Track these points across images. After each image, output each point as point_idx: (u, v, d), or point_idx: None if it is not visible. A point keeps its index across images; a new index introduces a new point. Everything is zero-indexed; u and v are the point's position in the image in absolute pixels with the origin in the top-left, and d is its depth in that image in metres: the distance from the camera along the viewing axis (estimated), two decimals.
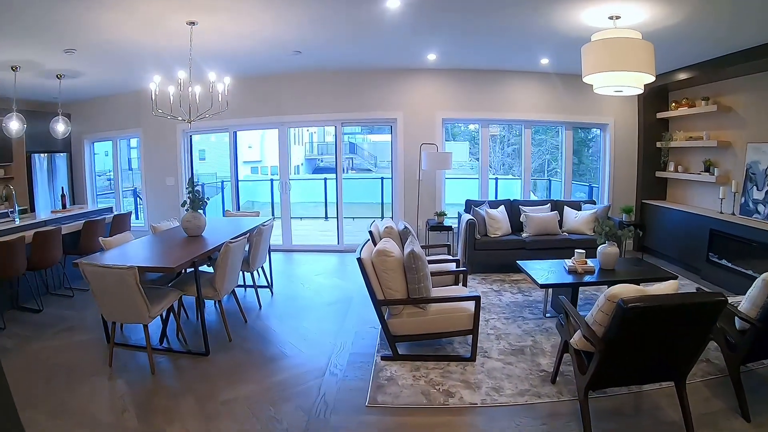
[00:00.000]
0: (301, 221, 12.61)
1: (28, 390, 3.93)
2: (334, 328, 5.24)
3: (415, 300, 4.22)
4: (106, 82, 8.06)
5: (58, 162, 10.08)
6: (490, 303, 5.79)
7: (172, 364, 4.50)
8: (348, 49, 6.84)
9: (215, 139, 14.03)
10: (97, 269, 4.17)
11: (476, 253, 6.98)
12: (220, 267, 4.79)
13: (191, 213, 5.58)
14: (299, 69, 8.15)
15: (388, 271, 4.21)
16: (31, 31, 5.27)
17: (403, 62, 7.78)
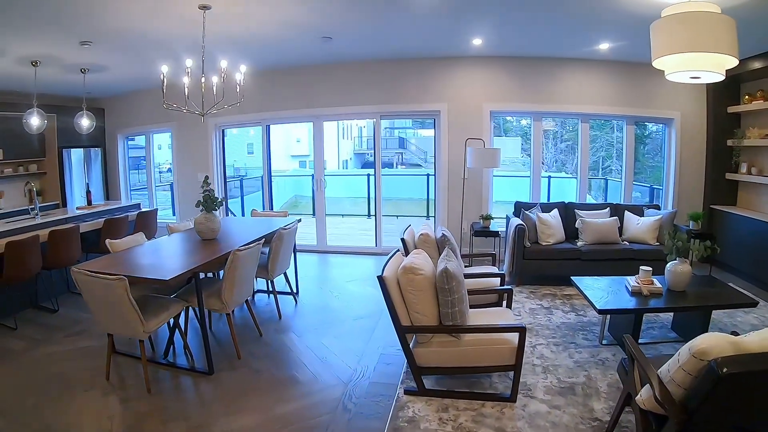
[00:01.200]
0: (343, 219, 12.28)
1: (20, 401, 3.84)
2: (358, 347, 4.59)
3: (447, 328, 3.50)
4: (134, 76, 7.81)
5: (93, 157, 10.05)
6: (538, 324, 4.98)
7: (172, 382, 4.14)
8: (384, 35, 6.20)
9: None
10: (88, 279, 3.76)
11: (525, 263, 6.17)
12: (227, 278, 4.29)
13: (204, 215, 5.14)
14: (334, 59, 7.59)
15: (416, 291, 3.48)
16: (46, 25, 5.08)
17: (446, 49, 7.03)
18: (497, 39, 6.40)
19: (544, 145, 10.81)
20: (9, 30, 5.14)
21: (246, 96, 8.17)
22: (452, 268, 3.44)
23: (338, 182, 15.74)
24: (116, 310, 3.77)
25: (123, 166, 10.45)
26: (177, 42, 5.70)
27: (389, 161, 21.42)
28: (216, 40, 5.52)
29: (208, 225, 5.11)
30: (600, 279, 4.70)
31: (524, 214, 6.42)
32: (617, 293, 4.32)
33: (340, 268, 7.61)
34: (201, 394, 3.90)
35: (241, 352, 4.49)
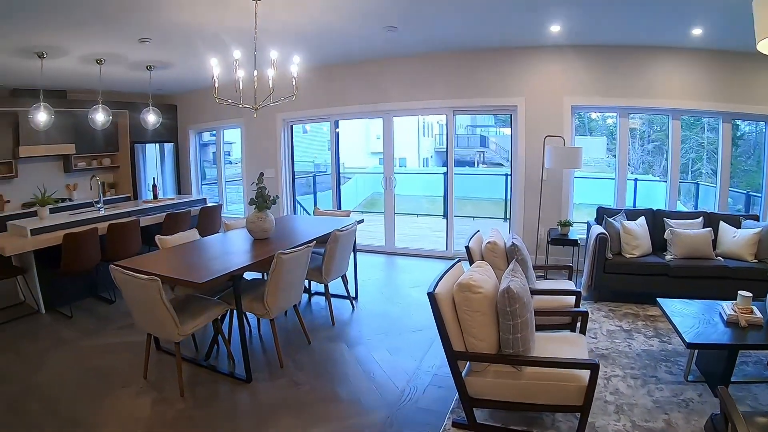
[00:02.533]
0: (417, 218, 11.91)
1: (59, 390, 3.94)
2: (410, 365, 4.15)
3: (506, 358, 2.94)
4: (199, 72, 7.67)
5: (166, 152, 10.28)
6: (615, 350, 4.29)
7: (207, 386, 3.94)
8: (452, 23, 5.68)
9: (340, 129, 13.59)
10: (123, 277, 3.64)
11: (606, 276, 5.49)
12: (271, 282, 4.03)
13: (255, 213, 4.91)
14: (401, 51, 7.18)
15: (473, 312, 2.92)
16: (104, 23, 5.03)
17: (522, 38, 6.42)
18: (577, 25, 5.71)
19: (631, 145, 9.98)
20: (70, 30, 5.13)
21: (313, 91, 8.19)
22: (516, 288, 2.89)
23: (415, 181, 15.42)
24: (151, 311, 3.66)
25: (194, 161, 10.61)
26: (231, 35, 5.51)
27: (470, 160, 20.97)
28: (271, 32, 5.34)
29: (259, 224, 4.88)
30: (690, 303, 4.03)
31: (607, 222, 5.76)
32: (710, 322, 3.63)
33: (406, 272, 7.20)
34: (234, 403, 3.68)
35: (285, 360, 4.25)
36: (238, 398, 3.73)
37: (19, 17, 4.59)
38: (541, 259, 6.71)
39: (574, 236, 6.32)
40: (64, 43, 5.60)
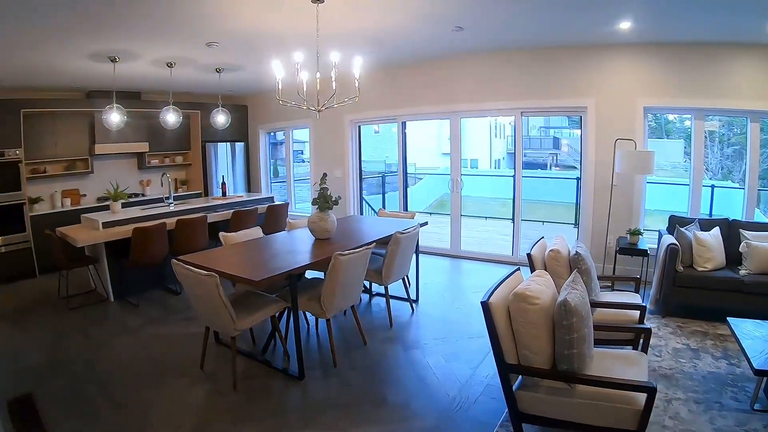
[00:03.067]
0: (485, 221, 11.72)
1: (117, 375, 4.19)
2: (464, 373, 4.06)
3: (560, 375, 2.80)
4: (267, 74, 7.70)
5: (237, 150, 10.57)
6: (679, 370, 3.98)
7: (260, 381, 4.04)
8: (519, 22, 5.49)
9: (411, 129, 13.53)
10: (183, 271, 3.78)
11: (676, 290, 5.16)
12: (328, 282, 4.05)
13: (317, 214, 4.95)
14: (468, 51, 7.04)
15: (528, 324, 2.79)
16: (173, 29, 5.15)
17: (591, 36, 6.10)
18: (650, 22, 5.36)
19: (709, 149, 9.45)
20: (140, 36, 5.31)
21: (380, 92, 8.23)
22: (574, 301, 2.76)
23: (486, 183, 15.20)
24: (209, 305, 3.78)
25: (264, 159, 10.85)
26: (294, 38, 5.54)
27: (543, 162, 20.50)
28: (333, 34, 5.33)
29: (320, 224, 4.92)
30: (764, 324, 3.73)
31: (679, 232, 5.43)
32: None
33: (470, 277, 7.06)
34: (284, 399, 3.75)
35: (339, 360, 4.27)
36: (288, 394, 3.79)
37: (93, 25, 4.78)
38: (608, 269, 6.43)
39: (643, 246, 5.99)
40: (136, 48, 5.79)
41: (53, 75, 6.99)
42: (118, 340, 4.99)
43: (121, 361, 4.50)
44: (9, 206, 7.31)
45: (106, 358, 4.58)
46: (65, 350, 4.79)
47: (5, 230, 7.30)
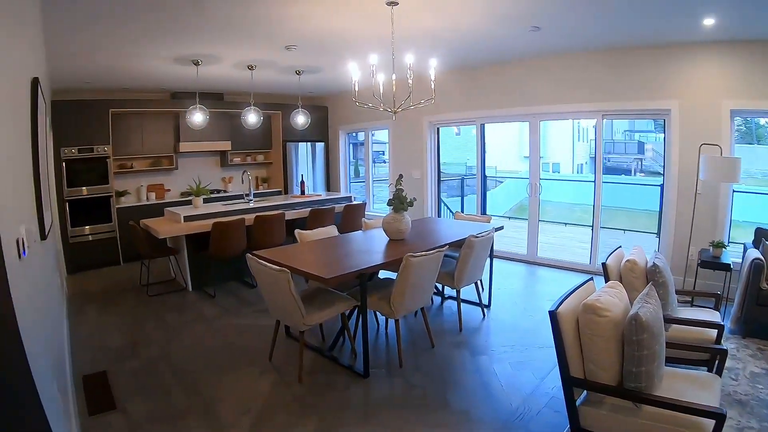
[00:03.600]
0: (565, 227, 11.42)
1: (190, 361, 4.42)
2: (529, 383, 3.94)
3: (626, 393, 2.64)
4: (345, 76, 7.84)
5: (318, 150, 10.78)
6: (756, 397, 3.61)
7: (326, 376, 4.10)
8: (597, 21, 5.27)
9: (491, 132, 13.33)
10: (257, 266, 3.92)
11: (758, 309, 4.74)
12: (399, 283, 4.05)
13: (392, 215, 4.97)
14: (546, 52, 6.86)
15: (597, 337, 2.66)
16: (253, 33, 5.32)
17: (673, 33, 5.73)
18: (736, 16, 4.93)
19: None
20: (221, 40, 5.51)
21: (458, 94, 8.21)
22: (646, 316, 2.60)
23: (566, 188, 14.84)
24: (280, 299, 3.86)
25: (344, 159, 11.01)
26: (370, 40, 5.60)
27: (627, 167, 19.77)
28: (408, 36, 5.34)
29: (394, 225, 4.94)
30: None
31: (765, 246, 5.03)
32: None
33: (545, 284, 6.87)
34: (346, 395, 3.77)
35: (405, 361, 4.26)
36: (351, 391, 3.81)
37: (177, 30, 5.02)
38: (688, 283, 6.04)
39: (727, 260, 5.56)
40: (217, 52, 6.02)
41: (140, 77, 7.39)
42: (193, 328, 5.23)
43: (194, 347, 4.74)
44: (98, 198, 7.84)
45: (181, 343, 4.82)
46: (143, 334, 5.08)
47: (93, 220, 7.84)
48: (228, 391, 3.84)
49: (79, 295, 6.54)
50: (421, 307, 4.52)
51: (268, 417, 3.45)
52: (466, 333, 4.96)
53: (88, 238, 7.82)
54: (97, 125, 7.78)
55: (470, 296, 5.67)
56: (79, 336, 5.06)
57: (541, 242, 7.94)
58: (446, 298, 5.93)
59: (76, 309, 5.92)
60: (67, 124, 7.44)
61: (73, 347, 4.73)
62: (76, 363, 4.38)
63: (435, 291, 5.63)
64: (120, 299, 6.26)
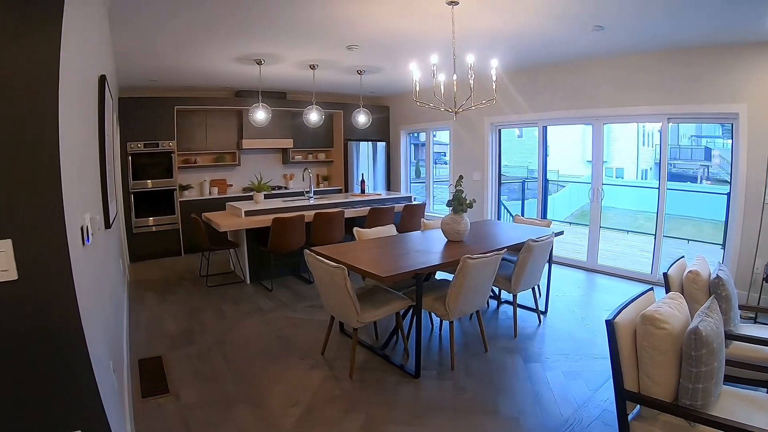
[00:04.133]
0: (627, 235, 11.07)
1: (244, 350, 4.55)
2: (582, 393, 3.80)
3: (680, 410, 2.50)
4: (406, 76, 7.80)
5: (379, 150, 10.81)
6: None
7: (376, 374, 4.09)
8: (663, 19, 5.01)
9: (555, 134, 12.93)
10: (314, 262, 3.97)
11: None
12: (455, 284, 4.00)
13: (451, 216, 4.92)
14: (609, 52, 6.61)
15: (654, 350, 2.52)
16: (314, 33, 5.35)
17: (743, 33, 5.37)
18: None
19: None
20: (284, 40, 5.59)
21: (519, 95, 8.10)
22: (706, 330, 2.45)
23: (630, 194, 14.40)
24: (336, 295, 3.89)
25: (404, 159, 11.02)
26: (430, 40, 5.55)
27: (692, 174, 19.01)
28: (469, 35, 5.25)
29: (453, 226, 4.88)
30: None
31: None
32: None
33: (604, 293, 6.62)
34: (395, 394, 3.75)
35: (457, 363, 4.20)
36: (401, 390, 3.79)
37: (240, 30, 5.13)
38: (753, 298, 5.71)
39: None
40: (279, 52, 6.11)
41: (204, 76, 7.60)
42: (249, 319, 5.34)
43: (248, 338, 4.85)
44: (162, 191, 8.17)
45: (236, 333, 4.93)
46: (199, 322, 5.23)
47: (157, 212, 8.17)
48: (278, 382, 3.90)
49: (140, 282, 6.82)
50: (476, 310, 4.46)
51: (317, 410, 3.48)
52: (520, 339, 4.85)
53: (152, 228, 8.13)
54: (162, 121, 8.11)
55: (527, 302, 5.57)
56: (137, 321, 5.28)
57: (601, 249, 7.69)
58: (502, 302, 5.82)
59: (136, 296, 6.18)
60: (133, 120, 7.78)
61: (131, 331, 4.93)
62: (133, 347, 4.57)
63: (491, 295, 5.54)
64: (179, 288, 6.47)
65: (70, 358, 1.78)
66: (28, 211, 1.64)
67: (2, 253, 1.61)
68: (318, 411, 3.47)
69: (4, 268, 1.62)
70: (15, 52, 1.60)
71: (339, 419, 3.36)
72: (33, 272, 1.66)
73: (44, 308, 1.70)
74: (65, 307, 1.74)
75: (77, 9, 2.11)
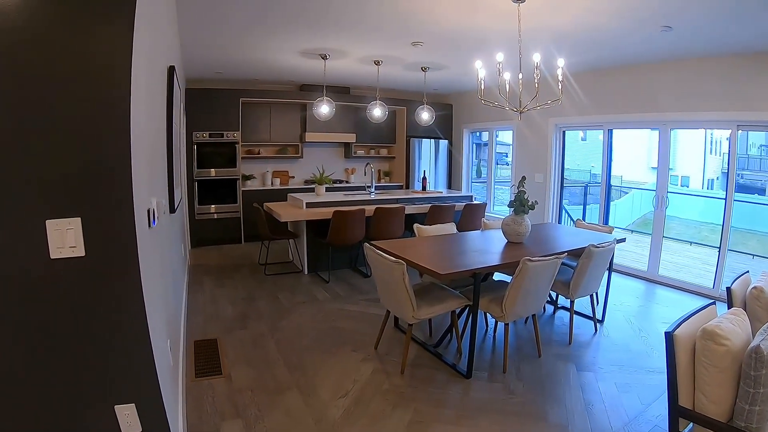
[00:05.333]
0: (690, 246, 10.62)
1: (297, 338, 4.66)
2: (634, 408, 3.65)
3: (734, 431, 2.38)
4: (469, 74, 7.83)
5: (441, 147, 10.77)
6: None
7: (427, 371, 4.07)
8: (733, 20, 4.74)
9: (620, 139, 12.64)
10: (374, 255, 4.00)
11: None
12: (513, 286, 3.95)
13: (512, 217, 4.86)
14: (678, 54, 6.30)
15: (712, 367, 2.42)
16: (379, 29, 5.39)
17: None
18: None
19: None
20: (349, 35, 5.65)
21: (584, 97, 7.95)
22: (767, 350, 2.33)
23: (695, 204, 13.90)
24: (393, 290, 3.92)
25: (466, 158, 10.95)
26: (496, 38, 5.47)
27: (762, 186, 18.08)
28: (535, 34, 5.16)
29: (513, 227, 4.82)
30: None
31: None
32: None
33: (663, 305, 6.37)
34: (445, 393, 3.72)
35: (509, 366, 4.14)
36: (450, 389, 3.76)
37: (306, 25, 5.21)
38: None
39: None
40: (344, 47, 6.17)
41: (270, 69, 7.78)
42: (304, 308, 5.45)
43: (302, 326, 4.94)
44: (225, 180, 8.42)
45: (290, 322, 5.04)
46: (255, 309, 5.38)
47: (220, 200, 8.44)
48: (329, 372, 3.96)
49: (200, 267, 7.07)
50: (532, 313, 4.39)
51: (365, 402, 3.51)
52: (575, 346, 4.74)
53: (213, 216, 8.40)
54: (227, 113, 8.36)
55: (584, 309, 5.45)
56: (195, 304, 5.47)
57: (663, 260, 7.40)
58: (559, 307, 5.70)
59: (195, 280, 6.41)
60: (199, 111, 8.05)
61: (188, 313, 5.11)
62: (190, 328, 4.74)
63: (548, 299, 5.44)
64: (237, 275, 6.67)
65: (130, 334, 1.87)
66: (99, 192, 1.72)
67: (71, 230, 1.69)
68: (366, 403, 3.50)
69: (73, 244, 1.70)
70: (92, 44, 1.68)
71: (386, 413, 3.38)
72: (100, 250, 1.75)
73: (109, 284, 1.79)
74: (129, 285, 1.82)
75: (148, 3, 2.20)
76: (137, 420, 1.94)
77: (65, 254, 1.70)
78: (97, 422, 1.90)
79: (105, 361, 1.85)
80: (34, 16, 1.59)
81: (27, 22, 1.58)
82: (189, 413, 3.28)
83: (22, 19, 1.57)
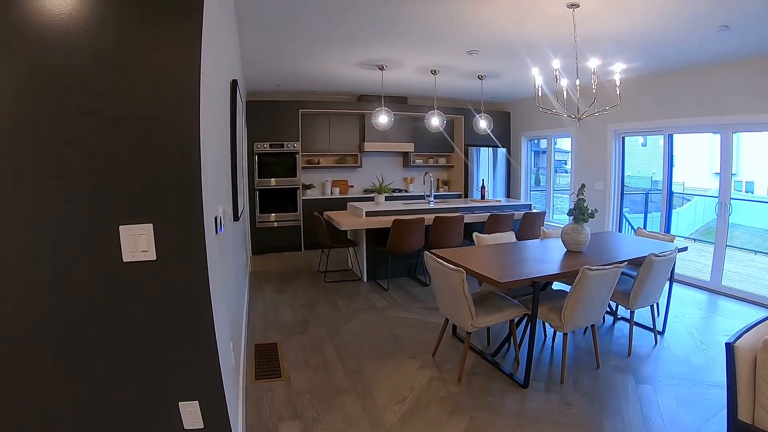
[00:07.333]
0: (755, 256, 10.10)
1: (356, 343, 4.75)
2: (692, 422, 3.52)
3: None
4: (526, 81, 7.74)
5: (499, 156, 10.72)
6: None
7: (484, 380, 4.06)
8: None
9: (681, 144, 12.22)
10: (433, 263, 4.05)
11: None
12: (572, 296, 3.90)
13: (571, 225, 4.80)
14: (736, 54, 6.04)
15: None
16: (436, 38, 5.43)
17: None
18: None
19: None
20: (405, 46, 5.71)
21: (643, 101, 7.76)
22: None
23: (761, 211, 13.30)
24: (452, 298, 3.94)
25: (525, 167, 10.85)
26: (551, 45, 5.42)
27: None
28: (591, 39, 5.10)
29: (573, 236, 4.76)
30: None
31: None
32: None
33: (726, 318, 6.10)
34: (501, 402, 3.69)
35: (567, 377, 4.09)
36: (507, 398, 3.74)
37: (363, 37, 5.32)
38: None
39: None
40: (401, 57, 6.26)
41: (328, 81, 7.95)
42: (363, 315, 5.53)
43: (361, 333, 5.02)
44: (286, 189, 8.68)
45: (349, 328, 5.14)
46: (314, 314, 5.52)
47: (281, 209, 8.70)
48: (386, 378, 4.01)
49: (261, 273, 7.29)
50: (591, 324, 4.31)
51: (421, 409, 3.53)
52: (634, 358, 4.61)
53: (274, 224, 8.66)
54: (287, 124, 8.63)
55: (644, 320, 5.33)
56: (256, 309, 5.65)
57: (726, 270, 7.08)
58: (618, 318, 5.56)
59: (256, 285, 6.62)
60: (260, 122, 8.35)
61: (249, 318, 5.28)
62: (251, 332, 4.91)
63: (608, 310, 5.34)
64: (297, 281, 6.84)
65: (197, 334, 1.98)
66: (170, 199, 1.85)
67: (143, 235, 1.82)
68: (422, 410, 3.52)
69: (145, 248, 1.83)
70: (164, 62, 1.82)
71: (442, 420, 3.39)
72: (171, 254, 1.87)
73: (179, 287, 1.91)
74: (198, 288, 1.93)
75: (213, 21, 2.34)
76: (200, 417, 2.05)
77: (137, 258, 1.83)
78: (161, 417, 2.02)
79: (172, 359, 1.97)
80: (120, 42, 1.76)
81: (114, 42, 1.75)
82: (248, 413, 3.40)
83: (110, 39, 1.74)
